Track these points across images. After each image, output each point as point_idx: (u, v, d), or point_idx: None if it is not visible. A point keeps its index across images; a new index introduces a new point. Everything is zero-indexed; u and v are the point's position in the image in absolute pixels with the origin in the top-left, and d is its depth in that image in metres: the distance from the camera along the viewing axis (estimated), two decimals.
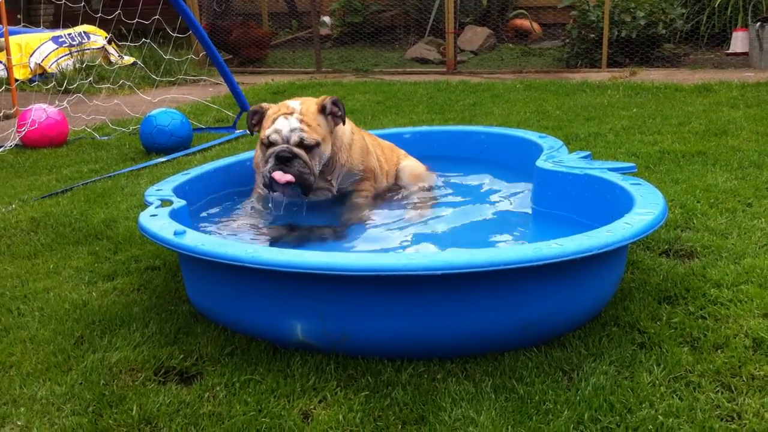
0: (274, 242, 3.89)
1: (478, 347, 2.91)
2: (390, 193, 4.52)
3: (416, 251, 3.67)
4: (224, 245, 3.01)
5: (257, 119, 4.10)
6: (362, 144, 4.30)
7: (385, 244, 3.85)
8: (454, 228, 3.99)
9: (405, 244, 3.80)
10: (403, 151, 4.80)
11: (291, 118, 3.90)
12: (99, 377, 2.92)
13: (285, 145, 3.86)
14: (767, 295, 3.27)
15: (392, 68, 12.75)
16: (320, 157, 3.95)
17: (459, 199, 4.44)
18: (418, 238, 3.86)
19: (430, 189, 4.61)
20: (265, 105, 4.12)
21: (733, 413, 2.51)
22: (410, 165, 4.69)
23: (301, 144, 3.88)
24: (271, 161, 3.87)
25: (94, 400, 2.77)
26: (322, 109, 3.96)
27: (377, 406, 2.66)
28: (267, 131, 3.92)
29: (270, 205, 4.15)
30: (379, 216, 4.17)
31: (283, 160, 3.85)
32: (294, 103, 4.02)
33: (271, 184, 3.89)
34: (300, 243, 3.87)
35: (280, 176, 3.81)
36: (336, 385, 2.79)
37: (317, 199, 4.17)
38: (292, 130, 3.87)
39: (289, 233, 4.01)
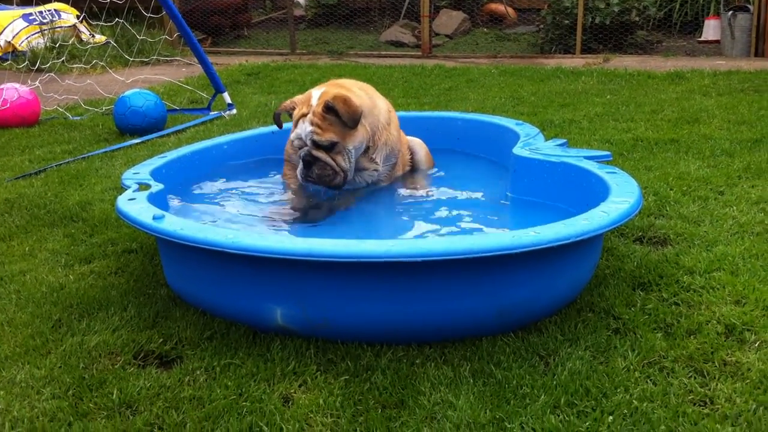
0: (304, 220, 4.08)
1: (456, 333, 2.95)
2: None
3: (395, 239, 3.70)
4: (204, 230, 3.01)
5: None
6: (398, 123, 4.37)
7: (368, 228, 3.89)
8: (430, 215, 4.01)
9: (385, 230, 3.84)
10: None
11: (306, 121, 3.95)
12: (78, 361, 2.92)
13: (306, 149, 3.97)
14: (738, 282, 3.34)
15: (367, 51, 12.72)
16: (346, 152, 3.97)
17: (435, 186, 4.46)
18: (397, 225, 3.89)
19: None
20: (290, 104, 4.12)
21: (706, 398, 2.57)
22: (418, 141, 4.75)
23: (317, 146, 3.94)
24: (301, 163, 4.03)
25: (74, 383, 2.77)
26: (327, 110, 3.94)
27: (357, 390, 2.69)
28: (292, 136, 4.05)
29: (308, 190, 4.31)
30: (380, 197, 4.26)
31: (307, 165, 4.00)
32: (315, 98, 4.00)
33: (307, 183, 4.12)
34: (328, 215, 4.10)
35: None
36: (316, 369, 2.82)
37: (365, 182, 4.22)
38: (307, 135, 3.95)
39: (315, 211, 4.16)
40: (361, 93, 4.08)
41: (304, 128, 3.94)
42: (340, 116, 3.89)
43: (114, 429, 2.52)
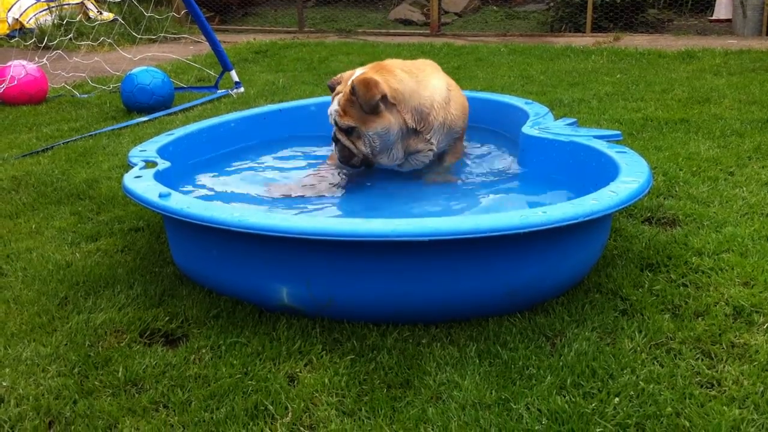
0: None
1: (462, 313, 2.93)
2: None
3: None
4: (210, 209, 3.00)
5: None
6: (462, 101, 4.23)
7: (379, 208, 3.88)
8: (438, 194, 3.99)
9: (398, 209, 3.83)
10: None
11: (335, 101, 3.95)
12: (84, 338, 2.92)
13: (334, 128, 3.99)
14: (748, 264, 3.31)
15: (375, 29, 12.66)
16: (366, 137, 3.91)
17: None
18: (406, 204, 3.88)
19: None
20: (337, 79, 4.08)
21: (713, 380, 2.56)
22: None
23: (338, 127, 3.94)
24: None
25: (80, 361, 2.77)
26: (352, 92, 3.88)
27: (362, 369, 2.68)
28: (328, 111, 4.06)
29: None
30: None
31: (334, 143, 4.03)
32: (351, 78, 3.94)
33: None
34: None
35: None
36: (321, 348, 2.81)
37: (421, 164, 4.16)
38: (331, 114, 3.96)
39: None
40: (403, 76, 3.96)
41: (332, 107, 3.95)
42: (361, 102, 3.83)
43: (119, 407, 2.52)
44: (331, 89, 4.09)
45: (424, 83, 4.02)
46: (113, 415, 2.49)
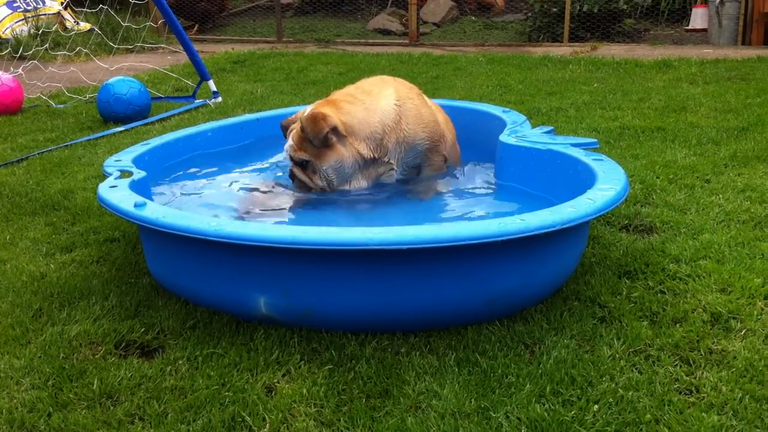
0: None
1: (442, 321, 2.92)
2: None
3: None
4: (186, 218, 2.97)
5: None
6: (417, 112, 4.09)
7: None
8: (415, 202, 3.98)
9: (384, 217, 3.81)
10: None
11: (289, 137, 4.00)
12: (58, 351, 2.88)
13: (290, 164, 4.05)
14: (724, 271, 3.33)
15: (354, 39, 12.67)
16: (321, 172, 3.92)
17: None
18: (380, 212, 3.86)
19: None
20: (293, 118, 4.10)
21: (692, 387, 2.56)
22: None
23: (294, 162, 3.99)
24: None
25: (54, 373, 2.73)
26: (301, 128, 3.89)
27: (341, 379, 2.66)
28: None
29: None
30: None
31: (291, 179, 4.10)
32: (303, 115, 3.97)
33: None
34: None
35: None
36: (300, 358, 2.79)
37: (386, 179, 4.11)
38: (286, 149, 4.01)
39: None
40: (349, 108, 3.91)
41: (287, 143, 4.00)
42: (310, 137, 3.85)
43: (94, 419, 2.48)
44: (284, 130, 4.15)
45: (373, 109, 3.96)
46: (88, 428, 2.45)
